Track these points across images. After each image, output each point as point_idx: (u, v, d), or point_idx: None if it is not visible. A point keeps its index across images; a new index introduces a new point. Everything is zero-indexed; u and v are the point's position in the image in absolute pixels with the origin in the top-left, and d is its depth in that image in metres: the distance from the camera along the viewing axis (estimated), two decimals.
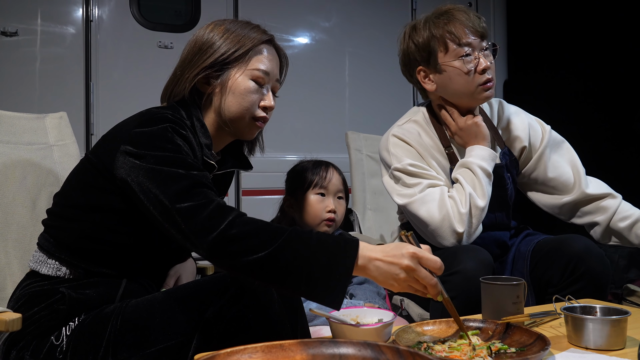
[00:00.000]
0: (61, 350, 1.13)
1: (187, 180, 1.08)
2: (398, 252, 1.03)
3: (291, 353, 0.89)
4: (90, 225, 1.20)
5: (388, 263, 1.02)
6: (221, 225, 1.01)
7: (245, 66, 1.28)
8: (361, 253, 1.03)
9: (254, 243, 1.01)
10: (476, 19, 1.65)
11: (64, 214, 1.25)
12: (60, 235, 1.23)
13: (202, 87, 1.30)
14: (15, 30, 2.92)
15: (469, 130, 1.67)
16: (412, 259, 1.02)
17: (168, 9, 3.39)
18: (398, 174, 1.67)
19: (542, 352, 0.98)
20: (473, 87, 1.65)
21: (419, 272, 1.03)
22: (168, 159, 1.10)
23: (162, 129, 1.14)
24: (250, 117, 1.30)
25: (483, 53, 1.65)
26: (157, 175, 1.08)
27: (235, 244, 1.01)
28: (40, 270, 1.21)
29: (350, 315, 1.19)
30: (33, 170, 1.59)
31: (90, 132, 3.04)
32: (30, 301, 1.18)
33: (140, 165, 1.10)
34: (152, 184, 1.07)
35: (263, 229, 1.03)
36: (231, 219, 1.03)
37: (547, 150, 1.78)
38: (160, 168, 1.09)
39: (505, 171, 1.74)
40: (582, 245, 1.59)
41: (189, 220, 1.03)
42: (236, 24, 1.32)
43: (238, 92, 1.28)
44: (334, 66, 3.69)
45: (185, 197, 1.05)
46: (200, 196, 1.06)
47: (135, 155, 1.11)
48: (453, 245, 1.56)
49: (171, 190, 1.06)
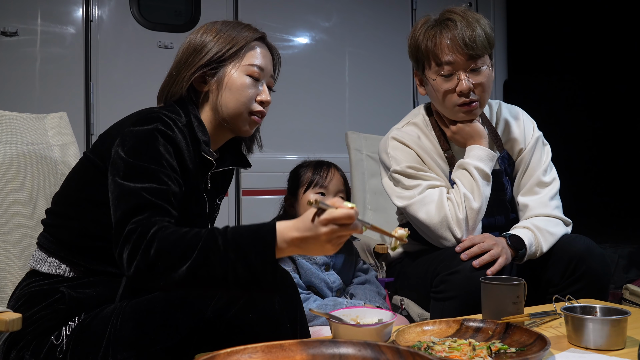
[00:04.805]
0: (61, 350, 1.13)
1: (137, 199, 1.08)
2: (312, 225, 0.99)
3: (291, 353, 0.89)
4: (90, 223, 1.21)
5: (308, 238, 0.99)
6: (137, 256, 1.00)
7: (240, 62, 1.30)
8: (280, 238, 1.00)
9: (171, 261, 0.99)
10: (468, 33, 1.57)
11: (64, 212, 1.25)
12: (60, 233, 1.23)
13: (199, 86, 1.32)
14: (15, 30, 2.92)
15: (463, 131, 1.67)
16: (327, 225, 0.98)
17: (168, 9, 3.38)
18: (397, 176, 1.67)
19: (542, 352, 0.98)
20: (450, 106, 1.65)
21: (340, 231, 0.99)
22: (137, 169, 1.11)
23: (149, 131, 1.16)
24: (247, 111, 1.32)
25: (467, 73, 1.60)
26: (116, 188, 1.10)
27: (154, 268, 1.00)
28: (40, 268, 1.22)
29: (350, 315, 1.19)
30: (33, 170, 1.59)
31: (90, 132, 3.04)
32: (30, 301, 1.19)
33: (115, 170, 1.13)
34: (112, 196, 1.11)
35: (176, 244, 1.01)
36: (147, 243, 1.01)
37: (527, 155, 1.77)
38: (122, 183, 1.10)
39: (504, 175, 1.74)
40: (583, 246, 1.59)
41: (117, 249, 1.04)
42: (227, 25, 1.35)
43: (235, 88, 1.29)
44: (334, 66, 3.68)
45: (125, 221, 1.05)
46: (138, 222, 1.05)
47: (119, 157, 1.14)
48: (453, 245, 1.57)
49: (119, 210, 1.07)
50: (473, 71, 1.61)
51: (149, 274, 1.00)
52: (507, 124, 1.80)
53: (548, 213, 1.68)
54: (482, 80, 1.62)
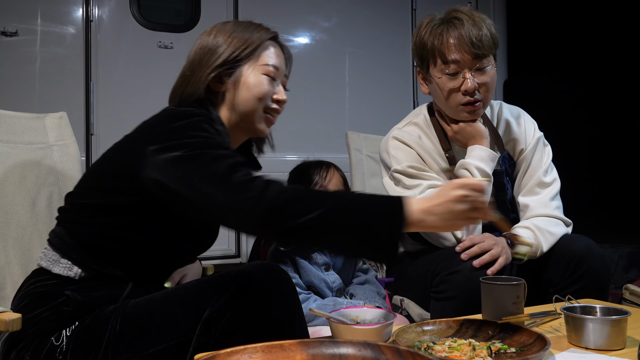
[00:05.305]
0: (61, 350, 1.13)
1: (232, 158, 1.10)
2: (443, 191, 1.04)
3: (291, 353, 0.89)
4: (110, 226, 1.20)
5: (440, 204, 1.03)
6: (271, 195, 1.03)
7: (256, 62, 1.32)
8: (410, 208, 1.03)
9: (304, 206, 1.02)
10: (475, 33, 1.57)
11: (83, 212, 1.23)
12: (77, 232, 1.22)
13: (215, 86, 1.32)
14: (15, 30, 2.92)
15: (464, 132, 1.67)
16: (461, 188, 1.03)
17: (168, 9, 3.38)
18: (398, 176, 1.67)
19: (542, 352, 0.98)
20: (454, 105, 1.65)
21: (472, 198, 1.03)
22: (209, 142, 1.13)
23: (195, 121, 1.17)
24: (263, 109, 1.34)
25: (473, 72, 1.60)
26: (200, 157, 1.09)
27: (287, 208, 1.02)
28: (52, 269, 1.20)
29: (350, 315, 1.19)
30: (33, 169, 1.59)
31: (90, 132, 3.03)
32: (34, 302, 1.18)
33: (177, 157, 1.09)
34: (194, 168, 1.08)
35: (309, 193, 1.06)
36: (280, 189, 1.04)
37: (528, 156, 1.77)
38: (202, 151, 1.10)
39: (505, 176, 1.74)
40: (583, 245, 1.59)
41: (238, 194, 1.04)
42: (240, 25, 1.36)
43: (252, 86, 1.31)
44: (334, 66, 3.68)
45: (235, 172, 1.06)
46: (245, 172, 1.08)
47: (168, 149, 1.11)
48: (453, 245, 1.57)
49: (220, 169, 1.07)
50: (478, 70, 1.61)
51: (280, 215, 1.01)
52: (508, 124, 1.80)
53: (548, 213, 1.68)
54: (487, 80, 1.63)
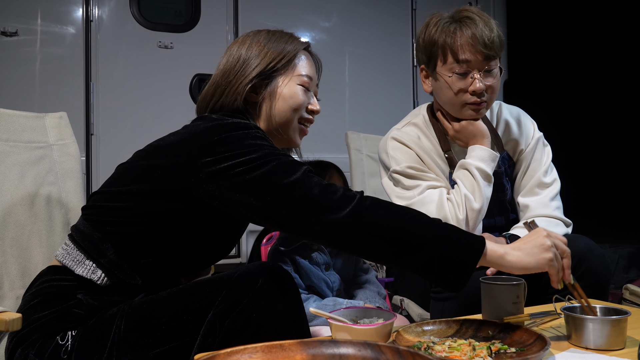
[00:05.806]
0: (66, 350, 1.12)
1: (304, 165, 1.12)
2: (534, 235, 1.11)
3: (291, 353, 0.89)
4: (145, 233, 1.20)
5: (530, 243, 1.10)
6: (352, 201, 1.06)
7: (292, 73, 1.34)
8: (491, 247, 1.08)
9: (384, 212, 1.06)
10: (487, 34, 1.57)
11: (122, 218, 1.21)
12: (109, 235, 1.21)
13: (250, 97, 1.32)
14: (15, 30, 2.92)
15: (466, 131, 1.67)
16: (549, 238, 1.10)
17: (168, 9, 3.38)
18: (397, 177, 1.67)
19: (542, 352, 0.98)
20: (459, 104, 1.64)
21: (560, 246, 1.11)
22: (273, 155, 1.13)
23: (249, 133, 1.16)
24: (298, 119, 1.36)
25: (481, 73, 1.60)
26: (278, 167, 1.10)
27: (370, 212, 1.06)
28: (76, 270, 1.19)
29: (350, 315, 1.19)
30: (32, 169, 1.59)
31: (90, 132, 3.03)
32: (46, 302, 1.17)
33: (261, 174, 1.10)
34: (274, 175, 1.09)
35: (387, 204, 1.09)
36: (360, 195, 1.09)
37: (528, 156, 1.77)
38: (274, 160, 1.11)
39: (504, 176, 1.74)
40: (583, 246, 1.58)
41: (328, 196, 1.07)
42: (274, 35, 1.37)
43: (288, 97, 1.33)
44: (334, 66, 3.68)
45: (305, 182, 1.09)
46: (320, 181, 1.11)
47: (238, 165, 1.10)
48: None
49: (299, 174, 1.09)
50: (486, 72, 1.61)
51: (364, 214, 1.05)
52: (507, 124, 1.79)
53: (548, 214, 1.68)
54: (493, 82, 1.63)
